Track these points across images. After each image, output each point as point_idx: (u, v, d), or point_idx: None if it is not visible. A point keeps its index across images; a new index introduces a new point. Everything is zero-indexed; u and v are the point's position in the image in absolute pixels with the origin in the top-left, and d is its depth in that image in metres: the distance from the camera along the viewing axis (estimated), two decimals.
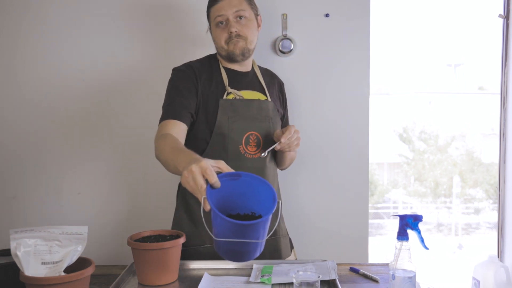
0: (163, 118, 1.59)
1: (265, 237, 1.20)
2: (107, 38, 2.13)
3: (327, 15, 2.13)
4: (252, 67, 1.79)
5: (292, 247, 1.86)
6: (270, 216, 1.18)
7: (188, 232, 1.64)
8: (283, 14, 2.11)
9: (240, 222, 1.14)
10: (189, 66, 1.70)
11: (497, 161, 2.35)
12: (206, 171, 1.17)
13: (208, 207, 1.15)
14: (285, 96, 1.91)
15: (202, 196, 1.15)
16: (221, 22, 1.66)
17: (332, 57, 2.15)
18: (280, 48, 2.11)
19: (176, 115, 1.57)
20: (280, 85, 1.89)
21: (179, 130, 1.56)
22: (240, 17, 1.66)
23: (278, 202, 1.22)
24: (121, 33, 2.12)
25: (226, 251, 1.22)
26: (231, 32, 1.65)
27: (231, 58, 1.69)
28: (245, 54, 1.69)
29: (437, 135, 9.90)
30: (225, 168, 1.24)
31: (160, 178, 2.16)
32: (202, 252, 1.66)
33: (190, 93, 1.62)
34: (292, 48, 2.11)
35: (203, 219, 1.21)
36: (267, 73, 1.86)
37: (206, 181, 1.17)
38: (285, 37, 2.11)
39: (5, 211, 2.16)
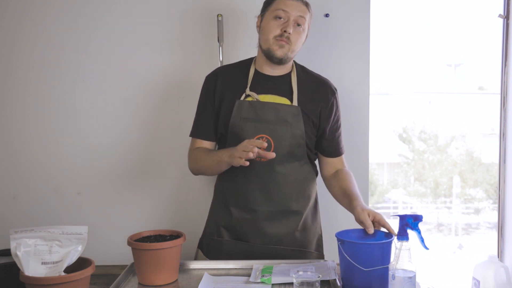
0: (191, 134, 1.81)
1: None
2: (108, 37, 2.13)
3: (327, 15, 2.13)
4: (290, 72, 1.76)
5: None
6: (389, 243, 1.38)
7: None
8: None
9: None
10: (212, 75, 1.79)
11: (497, 161, 2.35)
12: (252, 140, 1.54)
13: (254, 154, 1.47)
14: (334, 107, 1.78)
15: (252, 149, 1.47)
16: (280, 17, 1.64)
17: (332, 57, 2.15)
18: None
19: (199, 135, 1.78)
20: (328, 96, 1.76)
21: (207, 145, 1.78)
22: (299, 24, 1.65)
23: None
24: (124, 33, 2.13)
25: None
26: (285, 31, 1.63)
27: (270, 56, 1.68)
28: (283, 60, 1.68)
29: (436, 135, 9.89)
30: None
31: (160, 178, 2.16)
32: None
33: (208, 109, 1.76)
34: None
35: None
36: (312, 81, 1.78)
37: None
38: None
39: (5, 211, 2.16)
